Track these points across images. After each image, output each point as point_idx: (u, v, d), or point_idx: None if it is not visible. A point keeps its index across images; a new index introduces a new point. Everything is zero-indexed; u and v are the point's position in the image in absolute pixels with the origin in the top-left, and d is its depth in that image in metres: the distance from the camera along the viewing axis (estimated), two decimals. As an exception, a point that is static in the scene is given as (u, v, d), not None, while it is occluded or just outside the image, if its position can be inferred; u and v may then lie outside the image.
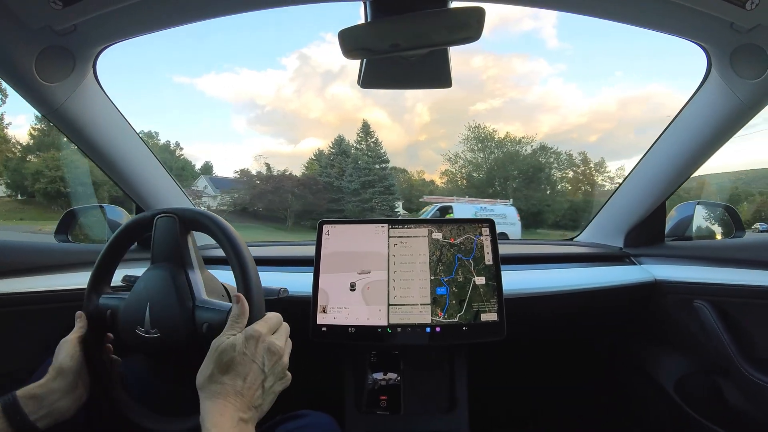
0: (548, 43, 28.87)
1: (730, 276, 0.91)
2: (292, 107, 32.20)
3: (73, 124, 0.87)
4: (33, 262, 0.89)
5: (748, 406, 0.91)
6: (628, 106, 28.83)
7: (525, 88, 29.08)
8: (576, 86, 30.34)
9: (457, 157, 22.80)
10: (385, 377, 0.99)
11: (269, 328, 0.57)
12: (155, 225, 0.68)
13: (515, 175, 20.78)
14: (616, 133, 27.50)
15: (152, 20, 0.76)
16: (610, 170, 22.02)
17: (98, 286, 0.72)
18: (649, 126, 28.59)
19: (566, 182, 21.62)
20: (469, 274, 0.90)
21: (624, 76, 29.77)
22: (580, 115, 28.29)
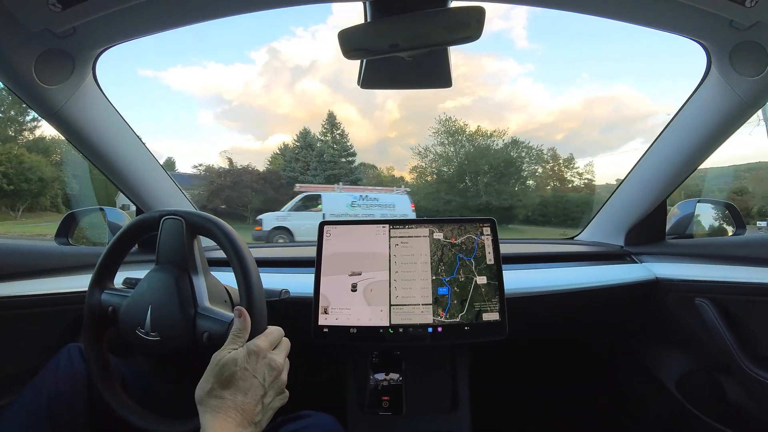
0: (518, 44, 29.46)
1: (732, 273, 0.91)
2: (260, 102, 31.99)
3: (73, 126, 0.87)
4: (34, 264, 0.89)
5: (749, 403, 0.91)
6: (593, 106, 30.22)
7: (494, 87, 29.97)
8: (544, 86, 31.32)
9: (427, 150, 21.52)
10: (387, 377, 0.99)
11: (270, 343, 0.57)
12: (162, 226, 0.68)
13: (486, 169, 19.92)
14: (582, 132, 28.65)
15: (151, 22, 0.76)
16: (579, 166, 21.26)
17: (102, 280, 0.72)
18: (613, 125, 29.02)
19: (537, 177, 21.08)
20: (470, 273, 0.90)
21: (590, 78, 31.17)
22: (547, 114, 29.44)
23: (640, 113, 28.85)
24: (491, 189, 19.35)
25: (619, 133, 28.29)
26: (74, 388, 0.69)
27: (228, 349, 0.54)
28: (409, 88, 0.89)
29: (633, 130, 27.49)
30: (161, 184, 1.12)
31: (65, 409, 0.67)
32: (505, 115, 28.60)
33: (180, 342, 0.62)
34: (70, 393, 0.69)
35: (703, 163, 0.98)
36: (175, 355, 0.64)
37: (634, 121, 28.57)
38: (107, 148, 0.95)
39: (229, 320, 0.60)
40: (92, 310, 0.70)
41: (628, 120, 28.70)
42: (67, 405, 0.68)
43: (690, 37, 0.81)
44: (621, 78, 30.93)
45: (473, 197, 19.27)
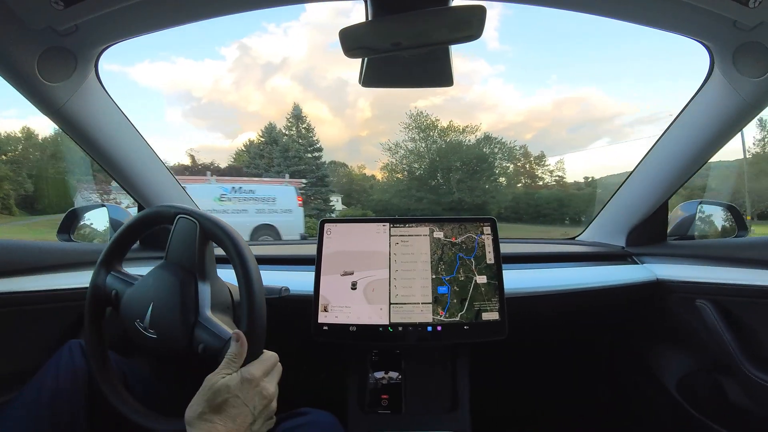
0: (489, 45, 29.98)
1: (733, 275, 0.91)
2: (230, 99, 31.72)
3: (76, 123, 0.88)
4: (35, 261, 0.89)
5: (750, 405, 0.91)
6: (562, 106, 31.50)
7: (466, 87, 30.32)
8: (514, 87, 32.62)
9: (398, 146, 20.69)
10: (386, 376, 1.00)
11: (264, 370, 0.57)
12: (176, 224, 0.67)
13: (458, 166, 19.31)
14: (551, 131, 29.87)
15: (154, 19, 0.77)
16: (549, 164, 21.20)
17: (110, 261, 0.72)
18: (581, 125, 30.47)
19: (509, 174, 20.87)
20: (470, 273, 0.90)
21: (559, 79, 32.58)
22: (517, 114, 30.68)
23: (606, 114, 30.70)
24: (463, 186, 18.92)
25: (586, 132, 29.76)
26: (75, 385, 0.69)
27: (222, 373, 0.54)
28: (410, 87, 0.89)
29: (600, 130, 29.34)
30: (163, 181, 1.12)
31: (66, 407, 0.67)
32: (476, 114, 29.07)
33: (176, 345, 0.62)
34: (72, 390, 0.69)
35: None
36: (170, 356, 0.64)
37: (601, 122, 30.21)
38: (109, 145, 0.95)
39: (227, 338, 0.59)
40: (96, 289, 0.70)
41: (595, 120, 30.35)
42: (68, 402, 0.68)
43: (693, 38, 0.81)
44: (589, 80, 32.05)
45: (445, 194, 18.83)
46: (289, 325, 0.95)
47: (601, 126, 29.76)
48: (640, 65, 30.61)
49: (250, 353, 0.57)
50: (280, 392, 0.59)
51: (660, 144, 1.05)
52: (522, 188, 20.48)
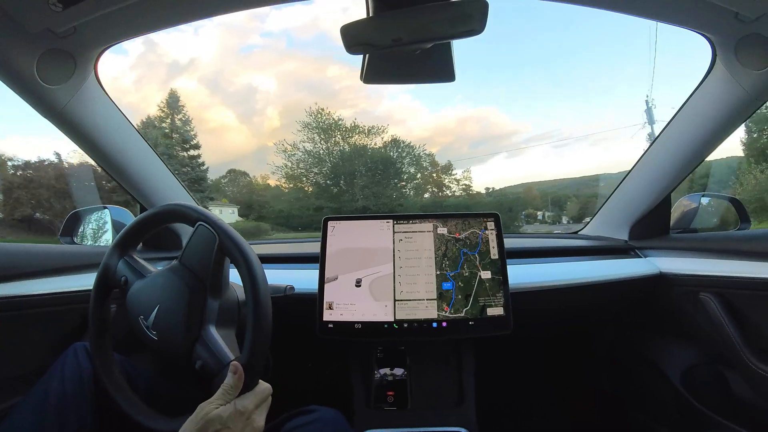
0: None
1: (736, 268, 0.91)
2: (129, 99, 30.43)
3: (76, 125, 0.87)
4: (39, 265, 0.89)
5: (753, 397, 0.92)
6: (465, 123, 33.82)
7: (376, 101, 31.50)
8: (421, 103, 34.53)
9: (295, 148, 17.74)
10: (391, 372, 1.00)
11: (257, 403, 0.58)
12: (196, 229, 0.66)
13: (363, 171, 17.50)
14: (455, 146, 31.60)
15: (152, 20, 0.76)
16: (456, 173, 19.79)
17: (125, 246, 0.73)
18: (481, 141, 33.27)
19: (417, 181, 19.16)
20: (474, 268, 0.90)
21: (464, 99, 34.93)
22: (424, 130, 31.78)
23: (504, 131, 33.82)
24: (368, 192, 17.20)
25: (486, 148, 32.32)
26: (81, 387, 0.69)
27: (215, 403, 0.54)
28: (412, 83, 0.89)
29: (498, 146, 32.05)
30: (165, 182, 1.12)
31: (73, 409, 0.67)
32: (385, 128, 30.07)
33: (175, 353, 0.62)
34: (77, 392, 0.69)
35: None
36: (169, 360, 0.64)
37: (500, 138, 33.13)
38: (110, 146, 0.95)
39: (226, 362, 0.58)
40: (107, 270, 0.71)
41: (495, 137, 33.27)
42: (74, 405, 0.68)
43: (695, 30, 0.80)
44: (489, 101, 35.03)
45: (349, 202, 17.06)
46: (295, 323, 0.95)
47: (500, 142, 32.79)
48: (534, 88, 33.96)
49: (245, 384, 0.57)
50: (287, 389, 0.60)
51: (662, 137, 1.05)
52: (430, 197, 19.28)
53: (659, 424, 1.16)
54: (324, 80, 29.75)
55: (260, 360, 0.59)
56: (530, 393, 1.39)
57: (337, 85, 29.87)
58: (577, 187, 18.31)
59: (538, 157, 30.69)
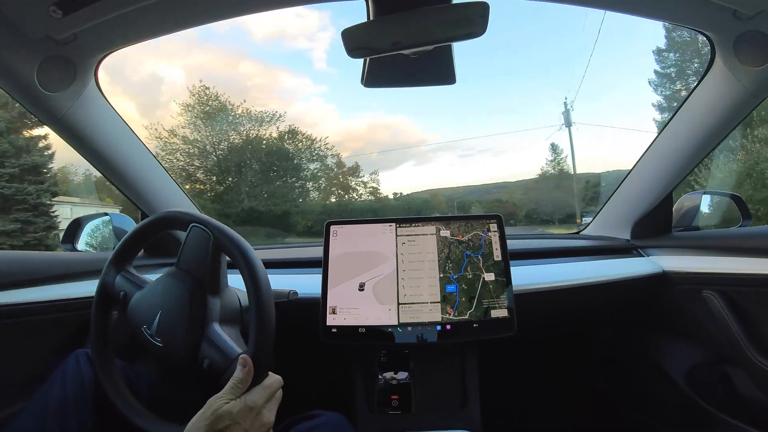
0: (316, 65, 32.10)
1: (739, 265, 0.91)
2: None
3: (77, 132, 0.87)
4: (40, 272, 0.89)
5: (759, 395, 0.91)
6: (376, 130, 34.46)
7: (288, 102, 30.75)
8: (334, 107, 34.52)
9: (173, 135, 14.00)
10: (395, 376, 0.99)
11: (267, 397, 0.57)
12: (189, 231, 0.66)
13: (257, 167, 14.87)
14: (365, 152, 31.92)
15: (152, 27, 0.76)
16: (364, 176, 18.27)
17: (120, 262, 0.72)
18: (391, 149, 33.95)
19: (319, 179, 16.88)
20: (478, 270, 0.90)
21: (376, 106, 36.15)
22: (335, 134, 31.88)
23: (413, 140, 34.47)
24: (258, 191, 14.72)
25: (395, 156, 33.60)
26: (82, 394, 0.69)
27: (225, 398, 0.54)
28: (412, 86, 0.88)
29: (407, 154, 32.81)
30: (166, 188, 1.12)
31: (74, 416, 0.67)
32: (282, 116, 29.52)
33: (182, 356, 0.62)
34: (79, 399, 0.68)
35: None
36: (175, 365, 0.64)
37: (409, 146, 33.70)
38: (111, 153, 0.95)
39: (234, 356, 0.58)
40: (105, 287, 0.70)
41: (404, 145, 33.87)
42: (76, 411, 0.67)
43: (693, 28, 0.81)
44: (401, 110, 36.12)
45: (233, 203, 14.43)
46: (298, 328, 0.95)
47: (409, 151, 33.48)
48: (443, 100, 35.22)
49: (255, 377, 0.56)
50: (290, 393, 0.59)
51: (663, 135, 1.05)
52: (335, 199, 17.81)
53: (664, 424, 1.16)
54: (235, 76, 28.13)
55: (267, 352, 0.58)
56: (534, 394, 1.39)
57: (248, 82, 28.19)
58: (480, 193, 19.65)
59: (444, 166, 32.15)
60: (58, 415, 0.66)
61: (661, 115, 15.03)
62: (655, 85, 15.07)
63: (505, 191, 18.60)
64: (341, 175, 18.27)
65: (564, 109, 14.73)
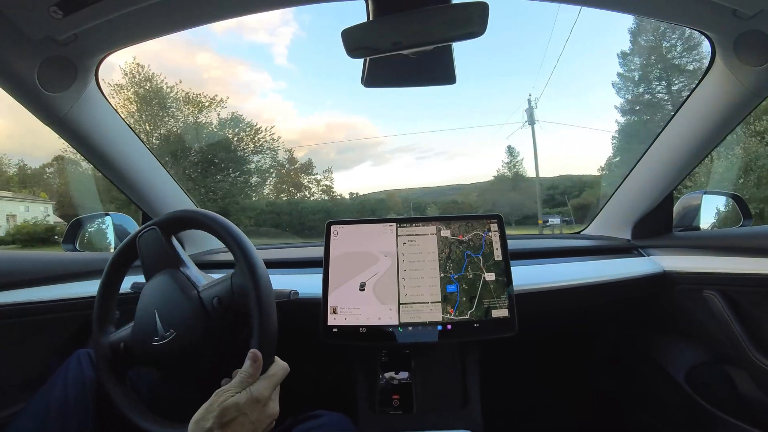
0: (276, 60, 32.13)
1: (740, 265, 0.91)
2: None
3: (77, 132, 0.87)
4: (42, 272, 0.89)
5: (760, 395, 0.91)
6: (333, 129, 34.40)
7: (245, 97, 30.78)
8: (293, 105, 34.91)
9: None
10: (396, 376, 0.99)
11: (273, 387, 0.58)
12: (139, 244, 0.71)
13: (194, 160, 13.33)
14: (321, 151, 32.19)
15: (153, 27, 0.76)
16: (317, 173, 17.86)
17: (103, 326, 0.72)
18: (348, 149, 33.66)
19: (265, 175, 15.62)
20: (478, 270, 0.90)
21: (334, 105, 36.23)
22: (292, 132, 32.26)
23: (371, 141, 35.13)
24: (193, 185, 13.20)
25: (352, 155, 33.75)
26: (84, 394, 0.69)
27: (232, 391, 0.54)
28: (413, 86, 0.88)
29: (365, 154, 33.24)
30: (167, 188, 1.12)
31: (75, 416, 0.67)
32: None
33: (195, 328, 0.63)
34: (80, 399, 0.69)
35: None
36: (193, 345, 0.64)
37: (367, 147, 34.32)
38: (112, 153, 0.95)
39: (229, 275, 0.64)
40: (105, 358, 0.70)
41: (362, 146, 34.42)
42: (77, 412, 0.68)
43: (693, 28, 0.81)
44: (359, 110, 36.15)
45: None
46: (299, 328, 0.95)
47: (367, 151, 33.87)
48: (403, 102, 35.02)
49: (264, 362, 0.58)
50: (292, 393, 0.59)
51: (663, 135, 1.05)
52: (285, 197, 16.95)
53: (665, 423, 1.16)
54: (192, 67, 27.24)
55: (272, 343, 0.60)
56: (535, 394, 1.39)
57: (205, 74, 27.69)
58: (436, 195, 20.15)
59: (401, 167, 32.01)
60: (59, 416, 0.66)
61: (623, 117, 15.06)
62: (618, 87, 15.13)
63: (460, 193, 19.20)
64: (293, 172, 17.43)
65: (528, 106, 14.56)
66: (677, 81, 14.37)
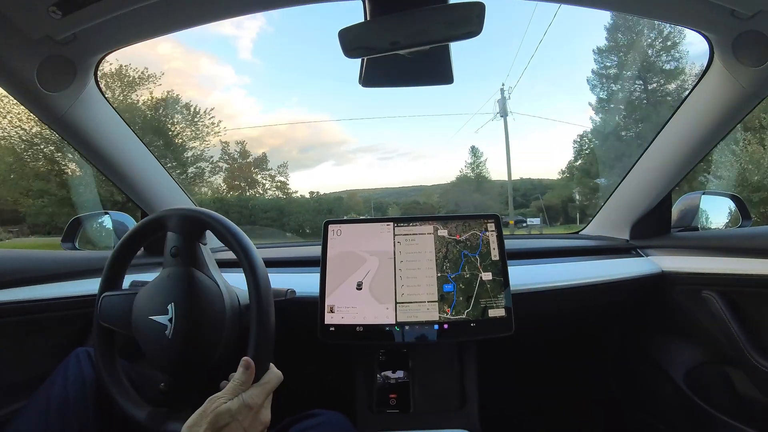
0: (241, 54, 30.76)
1: (738, 266, 0.90)
2: None
3: (77, 131, 0.88)
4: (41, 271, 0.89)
5: (758, 395, 0.91)
6: (296, 127, 33.38)
7: (206, 91, 28.51)
8: (255, 101, 33.01)
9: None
10: (394, 376, 1.00)
11: (266, 395, 0.58)
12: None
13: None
14: (283, 149, 30.63)
15: (152, 27, 0.76)
16: (272, 169, 17.11)
17: (109, 289, 0.72)
18: (311, 147, 33.33)
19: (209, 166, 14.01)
20: (475, 270, 0.90)
21: (299, 102, 35.06)
22: (253, 128, 30.79)
23: (335, 140, 34.39)
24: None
25: (315, 154, 33.14)
26: (83, 393, 0.69)
27: (225, 398, 0.55)
28: (410, 86, 0.89)
29: (327, 153, 32.89)
30: (165, 186, 1.12)
31: (75, 415, 0.67)
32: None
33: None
34: (80, 398, 0.69)
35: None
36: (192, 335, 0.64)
37: (330, 146, 33.73)
38: (111, 152, 0.95)
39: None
40: (103, 325, 0.70)
41: (325, 144, 33.76)
42: (77, 410, 0.68)
43: (692, 28, 0.81)
44: (324, 109, 35.37)
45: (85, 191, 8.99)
46: (296, 327, 0.95)
47: (330, 150, 33.28)
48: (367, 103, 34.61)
49: (257, 373, 0.58)
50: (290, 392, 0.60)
51: (662, 136, 1.05)
52: (235, 193, 16.03)
53: (663, 424, 1.16)
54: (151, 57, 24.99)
55: (268, 352, 0.60)
56: (532, 394, 1.39)
57: (166, 65, 26.13)
58: (398, 195, 20.54)
59: (364, 167, 31.99)
60: (59, 414, 0.66)
61: (597, 115, 14.90)
62: (593, 84, 14.94)
63: (422, 194, 19.28)
64: (245, 166, 16.51)
65: (501, 96, 13.93)
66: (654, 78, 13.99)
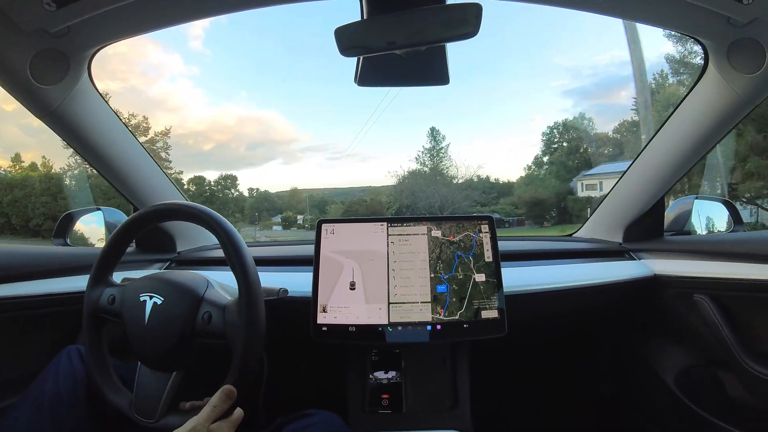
0: (191, 43, 29.34)
1: (730, 270, 0.91)
2: None
3: (69, 126, 0.87)
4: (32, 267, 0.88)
5: (749, 398, 0.92)
6: (245, 123, 32.37)
7: (151, 80, 27.19)
8: (203, 93, 31.80)
9: None
10: (386, 376, 1.00)
11: (232, 427, 0.60)
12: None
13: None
14: (230, 146, 29.85)
15: (146, 21, 0.76)
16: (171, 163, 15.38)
17: (101, 277, 0.73)
18: (258, 144, 32.22)
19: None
20: (468, 271, 0.90)
21: (248, 97, 34.12)
22: (199, 122, 28.95)
23: (284, 138, 33.18)
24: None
25: (262, 152, 31.60)
26: (75, 390, 0.69)
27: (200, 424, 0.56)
28: (406, 85, 0.89)
29: (276, 151, 31.57)
30: (157, 181, 1.11)
31: (67, 412, 0.67)
32: (156, 113, 25.49)
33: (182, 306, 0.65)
34: (71, 394, 0.69)
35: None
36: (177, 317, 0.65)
37: (278, 144, 32.51)
38: (103, 146, 0.94)
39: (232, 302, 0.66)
40: (92, 305, 0.71)
41: (273, 142, 32.50)
42: (68, 407, 0.68)
43: (687, 34, 0.81)
44: (273, 104, 34.20)
45: None
46: (289, 327, 0.94)
47: (278, 148, 32.31)
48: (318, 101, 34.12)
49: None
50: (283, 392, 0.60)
51: (656, 140, 1.06)
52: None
53: (655, 426, 1.16)
54: None
55: (248, 381, 0.62)
56: (525, 395, 1.39)
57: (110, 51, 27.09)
58: (345, 195, 20.19)
59: (313, 167, 30.97)
60: (50, 411, 0.66)
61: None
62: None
63: (369, 194, 18.92)
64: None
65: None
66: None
